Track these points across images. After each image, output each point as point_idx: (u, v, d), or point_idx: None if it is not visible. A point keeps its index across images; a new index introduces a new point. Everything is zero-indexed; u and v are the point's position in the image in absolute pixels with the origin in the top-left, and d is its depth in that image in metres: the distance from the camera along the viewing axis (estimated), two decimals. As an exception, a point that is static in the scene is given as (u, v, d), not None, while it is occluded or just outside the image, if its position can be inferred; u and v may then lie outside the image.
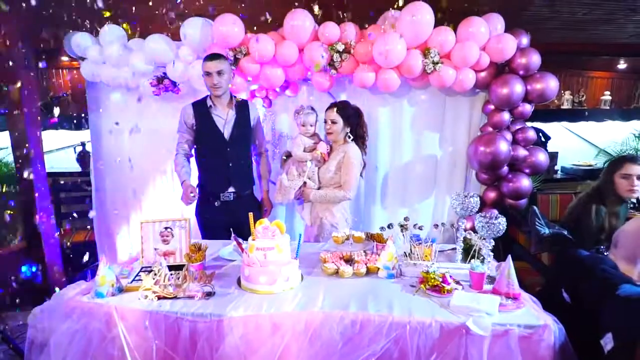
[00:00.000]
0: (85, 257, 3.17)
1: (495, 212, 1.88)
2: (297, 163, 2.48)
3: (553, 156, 4.22)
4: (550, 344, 1.40)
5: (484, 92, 2.79)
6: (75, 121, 3.88)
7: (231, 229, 2.28)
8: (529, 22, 3.47)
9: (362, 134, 2.48)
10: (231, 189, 2.45)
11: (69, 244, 3.35)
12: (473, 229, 1.93)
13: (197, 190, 2.41)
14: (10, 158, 3.53)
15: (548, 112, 4.26)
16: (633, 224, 1.83)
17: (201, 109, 2.42)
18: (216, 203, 2.45)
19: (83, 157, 3.93)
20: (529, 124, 4.17)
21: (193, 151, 2.52)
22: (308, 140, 2.48)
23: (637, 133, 4.31)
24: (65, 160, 3.97)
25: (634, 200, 2.58)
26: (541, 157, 2.71)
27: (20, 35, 2.34)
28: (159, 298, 1.62)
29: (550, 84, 2.56)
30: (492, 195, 2.81)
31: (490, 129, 2.73)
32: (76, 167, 3.93)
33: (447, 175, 2.98)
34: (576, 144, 4.61)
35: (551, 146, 4.26)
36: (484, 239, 1.83)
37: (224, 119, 2.42)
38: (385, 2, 2.63)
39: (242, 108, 2.47)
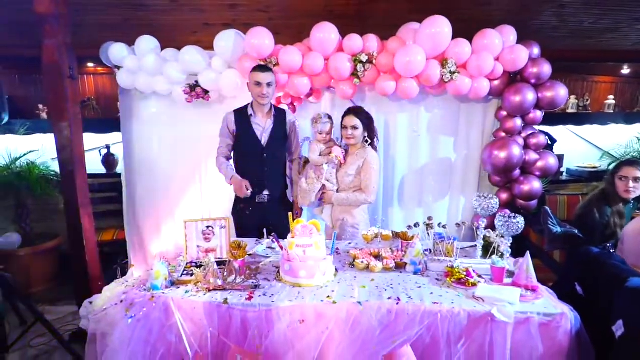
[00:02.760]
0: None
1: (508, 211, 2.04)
2: (314, 167, 2.60)
3: (559, 159, 4.37)
4: (567, 330, 1.57)
5: (497, 99, 2.95)
6: (100, 125, 4.06)
7: (265, 230, 2.46)
8: (538, 31, 3.65)
9: (372, 137, 2.60)
10: (266, 192, 2.60)
11: (98, 241, 3.52)
12: (492, 228, 2.09)
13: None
14: (39, 160, 3.72)
15: (554, 116, 4.41)
16: (636, 223, 2.00)
17: (242, 116, 2.56)
18: (249, 209, 2.61)
19: (108, 159, 4.09)
20: (536, 127, 4.37)
21: (232, 154, 2.68)
22: (323, 145, 2.62)
23: (640, 136, 4.48)
24: (91, 162, 4.12)
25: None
26: (551, 161, 2.87)
27: (66, 46, 2.50)
28: (209, 290, 1.79)
29: (560, 92, 2.72)
30: (504, 196, 2.96)
31: (503, 134, 2.90)
32: (101, 169, 4.09)
33: (461, 177, 3.14)
34: (581, 147, 4.76)
35: (557, 149, 4.43)
36: (503, 236, 1.99)
37: (262, 126, 2.57)
38: (405, 14, 2.81)
39: (280, 116, 2.62)
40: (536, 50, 2.77)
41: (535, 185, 2.85)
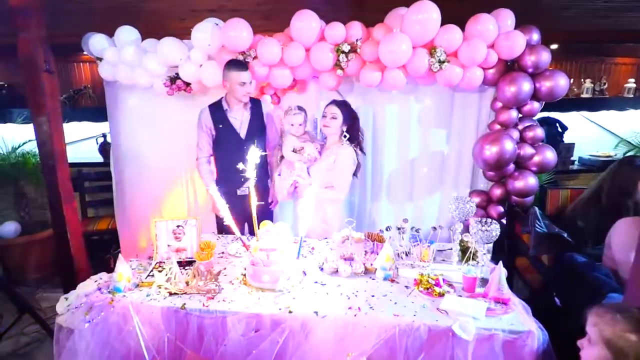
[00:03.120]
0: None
1: (490, 219, 1.90)
2: (287, 162, 2.54)
3: (569, 148, 4.14)
4: (532, 350, 1.48)
5: (494, 88, 2.76)
6: (97, 113, 4.06)
7: (246, 225, 2.42)
8: (548, 9, 3.37)
9: (357, 136, 2.48)
10: (247, 184, 2.56)
11: (94, 230, 3.59)
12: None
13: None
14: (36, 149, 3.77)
15: (567, 101, 4.11)
16: (622, 225, 1.84)
17: (217, 111, 2.53)
18: (238, 191, 2.60)
19: (105, 148, 4.11)
20: (546, 114, 4.10)
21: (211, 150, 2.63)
22: (296, 141, 2.51)
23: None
24: (89, 150, 4.16)
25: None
26: (549, 156, 2.68)
27: (40, 40, 2.45)
28: (170, 294, 1.77)
29: (560, 82, 2.51)
30: (498, 192, 2.81)
31: (498, 126, 2.72)
32: (99, 158, 4.12)
33: (454, 171, 3.00)
34: (595, 134, 4.48)
35: (568, 137, 4.18)
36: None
37: (240, 119, 2.54)
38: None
39: (255, 107, 2.59)
40: (535, 36, 2.55)
41: (531, 181, 2.68)
